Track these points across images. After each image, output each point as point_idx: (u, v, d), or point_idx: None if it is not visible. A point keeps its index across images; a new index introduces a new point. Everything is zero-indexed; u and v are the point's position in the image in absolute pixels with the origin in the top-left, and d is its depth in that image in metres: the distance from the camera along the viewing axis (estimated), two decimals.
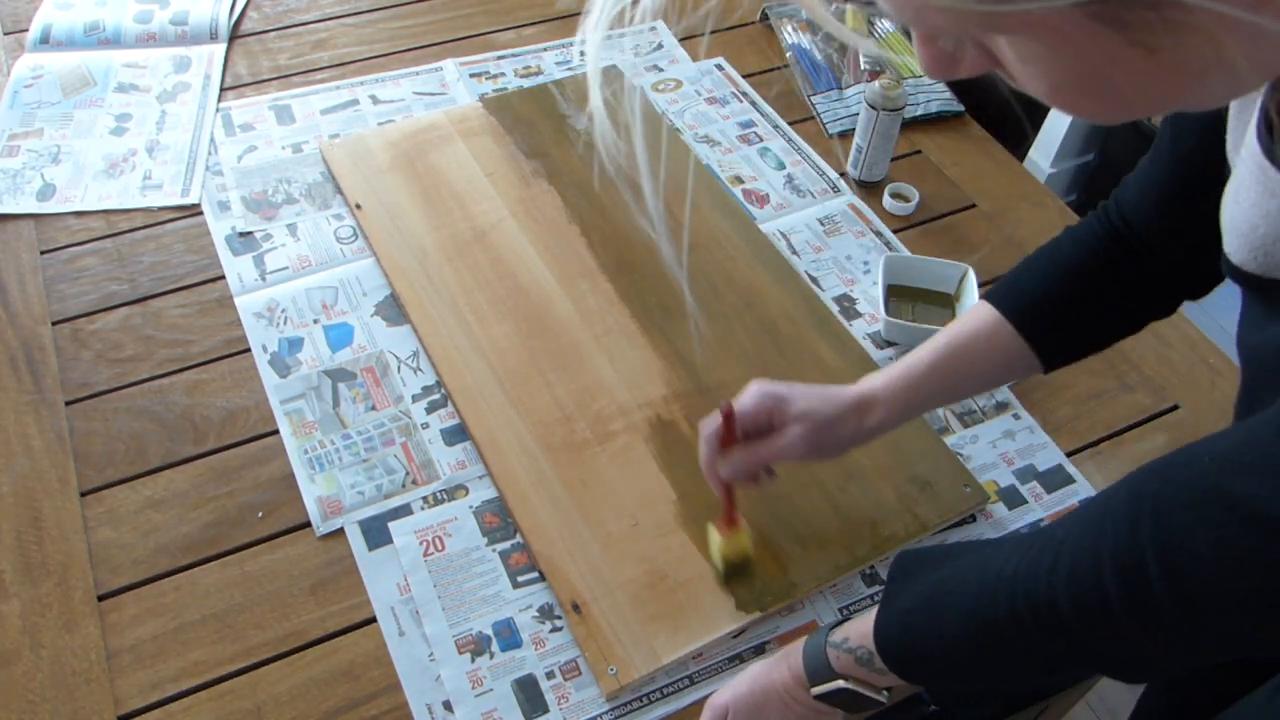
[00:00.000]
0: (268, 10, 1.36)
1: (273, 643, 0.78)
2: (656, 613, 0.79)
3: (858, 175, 1.17)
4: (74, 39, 1.28)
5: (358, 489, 0.86)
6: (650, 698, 0.75)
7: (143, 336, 0.98)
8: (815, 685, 0.66)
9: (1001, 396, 0.97)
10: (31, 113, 1.19)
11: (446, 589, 0.80)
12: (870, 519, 0.85)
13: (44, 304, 1.00)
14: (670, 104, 1.26)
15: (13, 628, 0.78)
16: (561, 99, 1.23)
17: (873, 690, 0.65)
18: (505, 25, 1.37)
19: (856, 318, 1.03)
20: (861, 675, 0.64)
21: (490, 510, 0.86)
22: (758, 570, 0.81)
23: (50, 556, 0.82)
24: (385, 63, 1.30)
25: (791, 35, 1.35)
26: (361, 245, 1.06)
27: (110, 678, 0.75)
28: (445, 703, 0.75)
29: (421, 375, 0.95)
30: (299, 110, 1.22)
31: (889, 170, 1.17)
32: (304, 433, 0.90)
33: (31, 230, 1.07)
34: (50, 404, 0.92)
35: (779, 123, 1.24)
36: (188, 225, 1.08)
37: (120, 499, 0.85)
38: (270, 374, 0.94)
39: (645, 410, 0.92)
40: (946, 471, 0.89)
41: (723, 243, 1.08)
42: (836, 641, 0.65)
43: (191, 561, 0.82)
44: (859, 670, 0.64)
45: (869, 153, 1.14)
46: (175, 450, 0.89)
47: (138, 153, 1.15)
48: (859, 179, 1.17)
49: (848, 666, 0.64)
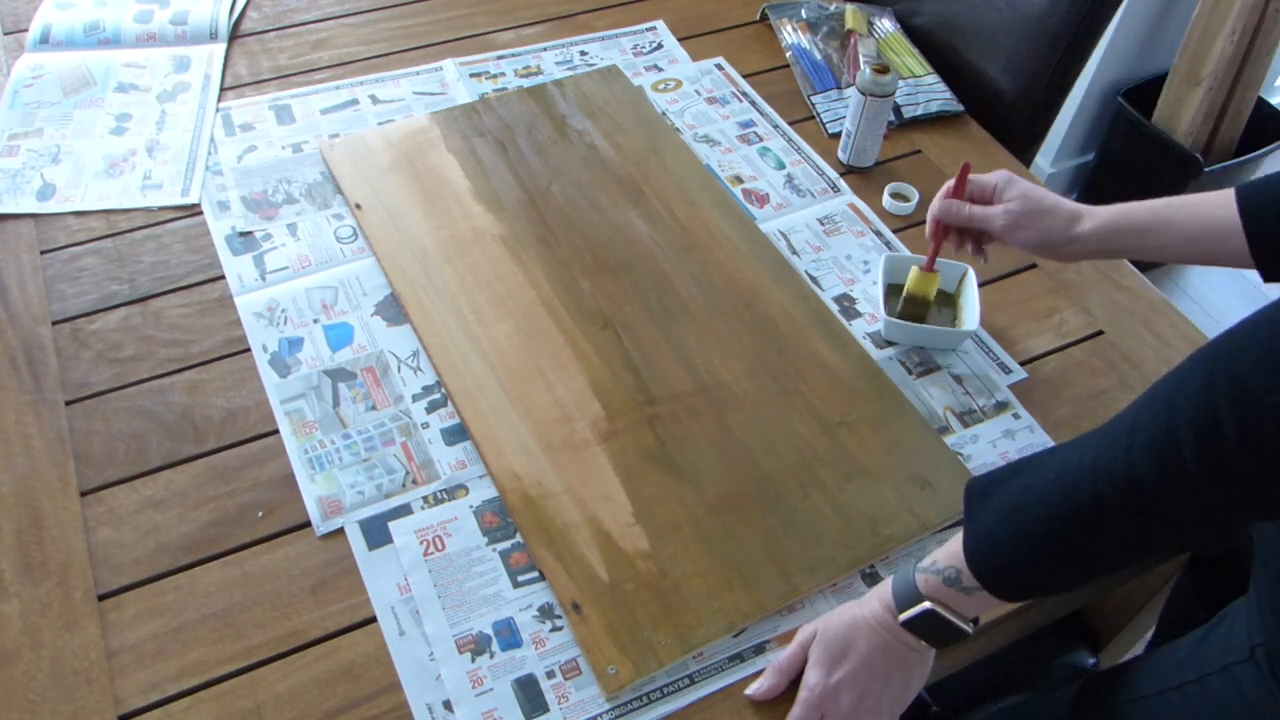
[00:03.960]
0: (268, 10, 1.36)
1: (273, 642, 0.78)
2: (656, 613, 0.79)
3: (847, 160, 1.19)
4: (74, 39, 1.28)
5: (358, 489, 0.86)
6: (650, 697, 0.75)
7: (143, 336, 0.98)
8: (903, 610, 0.67)
9: (1001, 396, 0.97)
10: (31, 113, 1.19)
11: (446, 589, 0.81)
12: (870, 519, 0.85)
13: (44, 304, 1.00)
14: (670, 104, 1.26)
15: (13, 628, 0.78)
16: (561, 99, 1.23)
17: (959, 618, 0.65)
18: (505, 25, 1.37)
19: (856, 317, 1.03)
20: (948, 597, 0.65)
21: (490, 510, 0.86)
22: (758, 570, 0.81)
23: (50, 556, 0.82)
24: (385, 63, 1.30)
25: (791, 35, 1.35)
26: (361, 245, 1.06)
27: (110, 677, 0.75)
28: (445, 702, 0.75)
29: (421, 375, 0.95)
30: (299, 110, 1.22)
31: (879, 154, 1.19)
32: (304, 432, 0.90)
33: (31, 230, 1.07)
34: (50, 404, 0.92)
35: (779, 122, 1.24)
36: (188, 225, 1.08)
37: (120, 499, 0.85)
38: (270, 374, 0.94)
39: (645, 410, 0.92)
40: (946, 471, 0.89)
41: (723, 242, 1.08)
42: (925, 566, 0.67)
43: (191, 561, 0.82)
44: (947, 592, 0.65)
45: (858, 138, 1.16)
46: (175, 450, 0.89)
47: (138, 153, 1.15)
48: (849, 163, 1.19)
49: (935, 589, 0.65)
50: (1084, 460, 0.57)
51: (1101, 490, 0.55)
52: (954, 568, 0.64)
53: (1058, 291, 1.07)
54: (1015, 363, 1.00)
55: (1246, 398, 0.49)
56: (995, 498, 0.63)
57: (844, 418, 0.92)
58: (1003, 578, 0.63)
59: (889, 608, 0.69)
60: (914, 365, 0.99)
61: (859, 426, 0.92)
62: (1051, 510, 0.59)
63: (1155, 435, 0.53)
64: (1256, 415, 0.49)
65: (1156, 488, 0.53)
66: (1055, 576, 0.63)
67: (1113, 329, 1.04)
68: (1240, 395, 0.50)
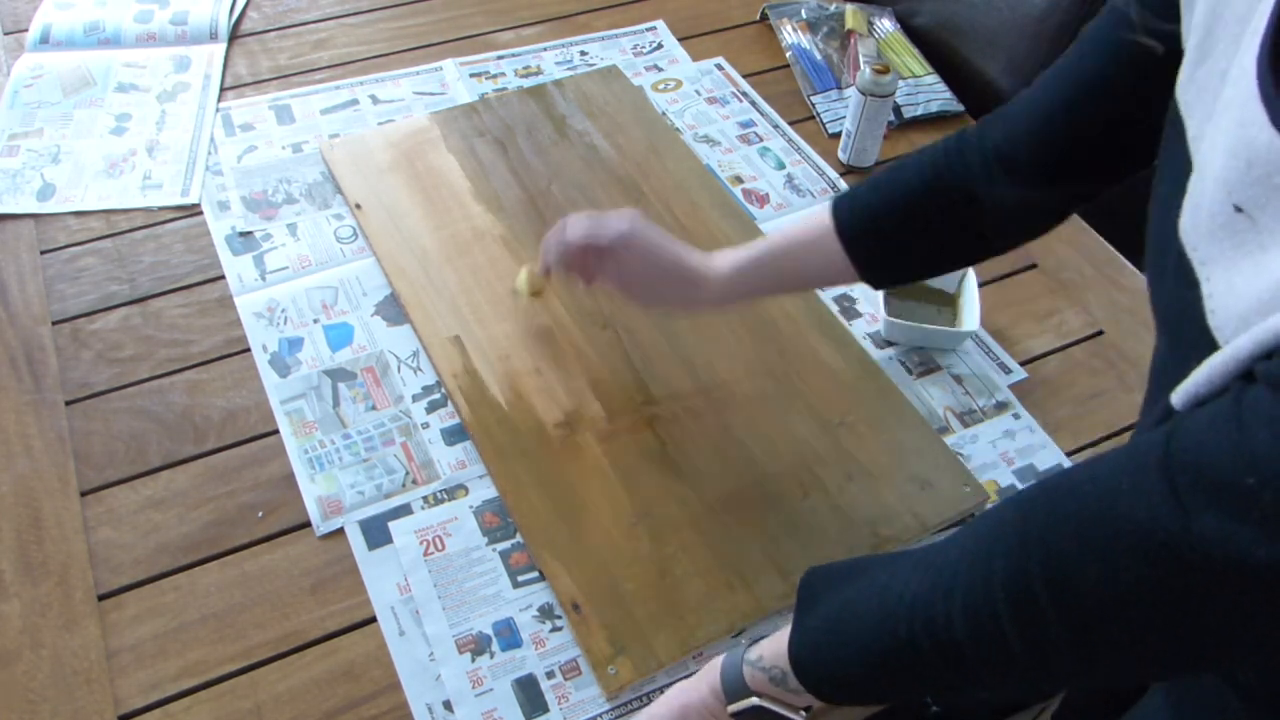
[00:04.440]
0: (268, 10, 1.36)
1: (272, 642, 0.78)
2: (656, 612, 0.79)
3: (847, 160, 1.19)
4: (74, 39, 1.28)
5: (358, 489, 0.86)
6: (650, 697, 0.75)
7: (143, 336, 0.98)
8: (732, 703, 0.65)
9: (1001, 396, 0.97)
10: (31, 113, 1.19)
11: (446, 589, 0.80)
12: (870, 519, 0.85)
13: (44, 304, 1.00)
14: (670, 104, 1.26)
15: (13, 628, 0.78)
16: (561, 99, 1.23)
17: (789, 709, 0.64)
18: (505, 25, 1.37)
19: (856, 318, 1.03)
20: (776, 694, 0.63)
21: (490, 510, 0.86)
22: (758, 570, 0.81)
23: (50, 556, 0.82)
24: (385, 62, 1.30)
25: (791, 35, 1.35)
26: (361, 245, 1.06)
27: (110, 677, 0.75)
28: (445, 702, 0.75)
29: (421, 375, 0.95)
30: (299, 110, 1.22)
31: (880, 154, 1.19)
32: (304, 432, 0.90)
33: (31, 230, 1.07)
34: (50, 404, 0.92)
35: (779, 122, 1.24)
36: (188, 225, 1.08)
37: (120, 499, 0.85)
38: (270, 374, 0.94)
39: (645, 410, 0.92)
40: (946, 471, 0.89)
41: (722, 242, 1.07)
42: (752, 660, 0.65)
43: (191, 561, 0.82)
44: (773, 689, 0.63)
45: (858, 138, 1.17)
46: (175, 450, 0.89)
47: (138, 153, 1.15)
48: (849, 163, 1.19)
49: (762, 685, 0.64)
50: (905, 595, 0.55)
51: (918, 637, 0.53)
52: (779, 668, 0.62)
53: (1058, 291, 1.07)
54: (1015, 363, 1.00)
55: (1060, 573, 0.47)
56: (824, 603, 0.61)
57: (844, 418, 0.92)
58: (822, 687, 0.61)
59: (718, 696, 0.66)
60: (914, 365, 0.99)
61: (859, 427, 0.92)
62: (868, 637, 0.57)
63: (973, 596, 0.50)
64: (1071, 599, 0.46)
65: (975, 651, 0.51)
66: (874, 697, 0.61)
67: (1113, 329, 1.04)
68: (1054, 566, 0.47)
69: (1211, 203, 0.45)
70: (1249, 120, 0.43)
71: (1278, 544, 0.40)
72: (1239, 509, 0.40)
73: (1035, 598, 0.47)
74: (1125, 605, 0.45)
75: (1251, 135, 0.43)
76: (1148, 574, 0.44)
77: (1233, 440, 0.41)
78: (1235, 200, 0.44)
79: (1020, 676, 0.51)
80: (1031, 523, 0.49)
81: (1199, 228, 0.46)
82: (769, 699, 0.64)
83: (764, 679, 0.63)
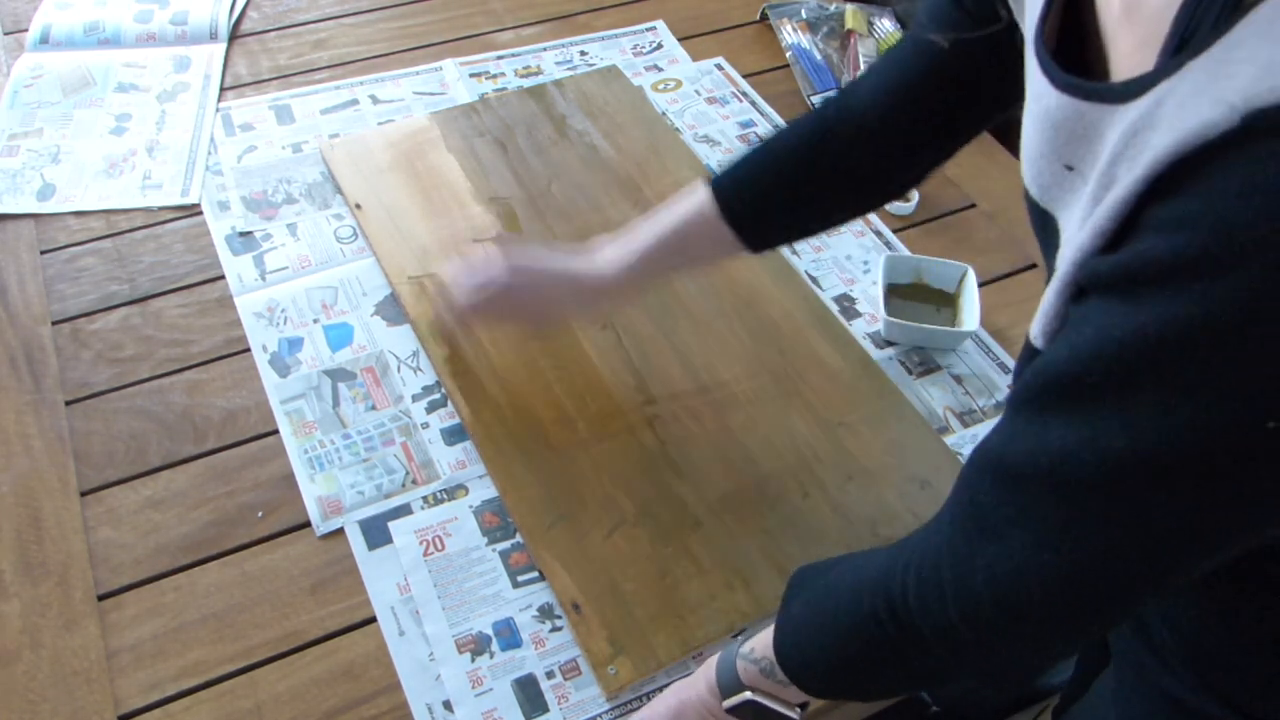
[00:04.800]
0: (268, 10, 1.36)
1: (272, 642, 0.78)
2: (656, 613, 0.79)
3: None
4: (74, 39, 1.28)
5: (358, 489, 0.86)
6: (650, 698, 0.75)
7: (143, 336, 0.98)
8: (726, 698, 0.65)
9: (1001, 396, 0.97)
10: (31, 113, 1.19)
11: (446, 589, 0.81)
12: (870, 519, 0.85)
13: (44, 304, 1.00)
14: (670, 104, 1.26)
15: (13, 628, 0.78)
16: (561, 99, 1.23)
17: (782, 704, 0.63)
18: (505, 25, 1.37)
19: (856, 317, 1.03)
20: (768, 687, 0.63)
21: (490, 510, 0.86)
22: (757, 570, 0.81)
23: (50, 556, 0.82)
24: (385, 63, 1.30)
25: (791, 35, 1.35)
26: (361, 245, 1.06)
27: (110, 677, 0.75)
28: (445, 702, 0.75)
29: (421, 375, 0.95)
30: (299, 110, 1.22)
31: None
32: (304, 432, 0.90)
33: (31, 230, 1.07)
34: (50, 404, 0.92)
35: (779, 122, 1.24)
36: (188, 225, 1.08)
37: (120, 499, 0.85)
38: (270, 374, 0.94)
39: (645, 410, 0.92)
40: (946, 471, 0.89)
41: None
42: (744, 653, 0.65)
43: (191, 561, 0.82)
44: (765, 682, 0.63)
45: None
46: (175, 450, 0.89)
47: (138, 153, 1.15)
48: None
49: (754, 678, 0.64)
50: (870, 571, 0.57)
51: (880, 611, 0.54)
52: (768, 659, 0.63)
53: None
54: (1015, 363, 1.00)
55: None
56: (807, 589, 0.62)
57: (844, 418, 0.92)
58: (807, 676, 0.61)
59: (714, 691, 0.66)
60: (914, 365, 0.99)
61: (859, 427, 0.92)
62: (841, 617, 0.58)
63: (925, 565, 0.53)
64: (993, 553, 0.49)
65: (923, 620, 0.52)
66: (847, 686, 0.61)
67: None
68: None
69: (1049, 164, 0.50)
70: (1041, 92, 0.48)
71: (1132, 429, 0.41)
72: (1087, 410, 0.42)
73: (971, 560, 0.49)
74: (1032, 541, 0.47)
75: (1047, 105, 0.48)
76: (1027, 504, 0.46)
77: (1068, 346, 0.43)
78: (1064, 161, 0.48)
79: (969, 656, 0.52)
80: (975, 487, 0.51)
81: (1047, 190, 0.51)
82: (762, 693, 0.64)
83: (755, 671, 0.64)
